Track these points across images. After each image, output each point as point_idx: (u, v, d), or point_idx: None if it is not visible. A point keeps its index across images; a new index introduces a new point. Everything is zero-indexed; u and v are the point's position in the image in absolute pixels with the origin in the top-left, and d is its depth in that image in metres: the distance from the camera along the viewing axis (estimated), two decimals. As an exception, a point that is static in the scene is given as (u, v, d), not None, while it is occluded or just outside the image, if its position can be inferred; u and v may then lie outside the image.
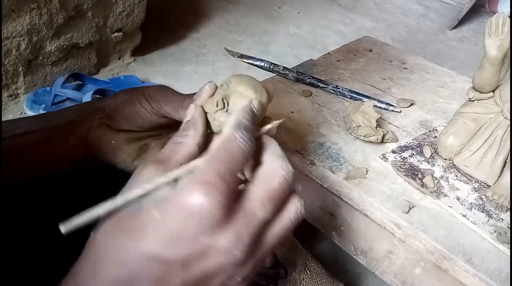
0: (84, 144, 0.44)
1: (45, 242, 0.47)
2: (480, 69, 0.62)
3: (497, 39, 0.59)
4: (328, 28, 2.03)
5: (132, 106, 0.44)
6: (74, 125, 0.44)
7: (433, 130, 0.73)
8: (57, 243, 0.47)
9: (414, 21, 2.17)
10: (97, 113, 0.44)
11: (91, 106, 0.46)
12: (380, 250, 0.64)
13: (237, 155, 0.29)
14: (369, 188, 0.61)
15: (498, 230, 0.55)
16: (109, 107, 0.45)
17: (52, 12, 1.25)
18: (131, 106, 0.44)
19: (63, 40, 1.34)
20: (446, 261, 0.53)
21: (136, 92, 0.45)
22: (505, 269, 0.52)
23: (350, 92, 0.81)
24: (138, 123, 0.45)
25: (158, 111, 0.44)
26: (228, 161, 0.29)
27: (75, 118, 0.44)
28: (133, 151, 0.45)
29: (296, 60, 1.67)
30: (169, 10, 1.99)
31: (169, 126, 0.46)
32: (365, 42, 1.02)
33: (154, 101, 0.44)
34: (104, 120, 0.44)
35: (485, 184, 0.62)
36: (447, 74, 0.92)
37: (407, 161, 0.66)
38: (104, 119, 0.44)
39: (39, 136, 0.43)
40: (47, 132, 0.43)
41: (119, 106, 0.45)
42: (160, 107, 0.43)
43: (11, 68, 1.25)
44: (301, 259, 0.79)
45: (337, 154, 0.67)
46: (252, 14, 2.10)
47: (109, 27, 1.48)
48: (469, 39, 2.03)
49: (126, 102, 0.44)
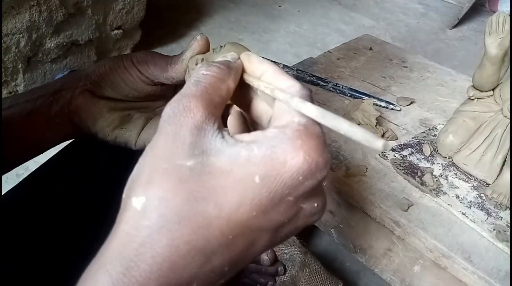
0: (66, 112, 0.43)
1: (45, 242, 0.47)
2: (480, 68, 0.62)
3: (497, 37, 0.59)
4: (328, 27, 2.03)
5: (117, 71, 0.43)
6: (57, 94, 0.42)
7: (433, 129, 0.73)
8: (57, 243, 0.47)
9: (414, 20, 2.17)
10: (80, 81, 0.43)
11: (75, 75, 0.44)
12: (379, 248, 0.64)
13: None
14: (368, 186, 0.61)
15: (497, 228, 0.55)
16: (94, 74, 0.43)
17: (51, 9, 1.25)
18: (116, 72, 0.43)
19: (62, 37, 1.33)
20: (445, 259, 0.54)
21: (122, 58, 0.43)
22: (504, 267, 0.52)
23: (350, 90, 0.81)
24: (122, 90, 0.44)
25: (145, 74, 0.42)
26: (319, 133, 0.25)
27: (58, 88, 0.43)
28: (114, 120, 0.43)
29: (296, 58, 1.67)
30: (169, 8, 1.99)
31: (154, 99, 0.45)
32: (365, 41, 1.02)
33: (142, 65, 0.42)
34: (87, 87, 0.43)
35: (484, 182, 0.62)
36: (447, 72, 0.92)
37: (406, 159, 0.66)
38: (88, 85, 0.43)
39: (23, 107, 0.42)
40: (32, 103, 0.42)
41: (103, 73, 0.43)
42: (147, 69, 0.42)
43: (11, 65, 1.25)
44: (300, 257, 0.80)
45: (337, 152, 0.67)
46: (252, 12, 2.09)
47: (109, 25, 1.48)
48: (469, 38, 2.03)
49: (111, 68, 0.43)
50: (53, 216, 0.49)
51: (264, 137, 0.24)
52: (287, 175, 0.22)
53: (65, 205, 0.50)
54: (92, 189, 0.51)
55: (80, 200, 0.50)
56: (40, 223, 0.48)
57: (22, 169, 0.54)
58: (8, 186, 0.52)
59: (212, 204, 0.22)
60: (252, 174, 0.22)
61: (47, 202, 0.50)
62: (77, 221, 0.49)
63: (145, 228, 0.22)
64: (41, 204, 0.50)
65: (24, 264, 0.45)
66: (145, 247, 0.21)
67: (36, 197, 0.51)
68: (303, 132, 0.23)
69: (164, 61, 0.42)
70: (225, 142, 0.24)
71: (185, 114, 0.24)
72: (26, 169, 0.67)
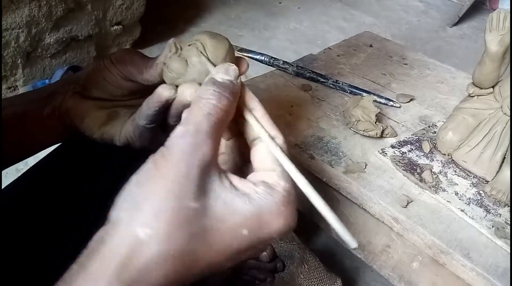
0: (57, 115, 0.44)
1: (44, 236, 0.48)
2: (480, 65, 0.62)
3: (497, 34, 0.59)
4: (329, 24, 2.02)
5: (100, 72, 0.44)
6: (49, 97, 0.44)
7: (432, 126, 0.73)
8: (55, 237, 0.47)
9: (414, 18, 2.17)
10: (70, 84, 0.44)
11: (67, 79, 0.46)
12: (378, 244, 0.64)
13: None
14: (367, 182, 0.61)
15: (495, 225, 0.56)
16: (82, 77, 0.45)
17: (51, 4, 1.24)
18: (99, 72, 0.44)
19: (62, 33, 1.33)
20: (444, 255, 0.54)
21: (103, 59, 0.44)
22: (502, 264, 0.52)
23: (350, 87, 0.80)
24: (107, 89, 0.45)
25: (124, 73, 0.43)
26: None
27: (51, 91, 0.44)
28: (101, 117, 0.44)
29: (296, 55, 1.67)
30: (169, 4, 1.98)
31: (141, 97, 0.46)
32: (366, 38, 1.02)
33: (120, 64, 0.43)
34: (77, 90, 0.44)
35: (483, 179, 0.62)
36: (447, 70, 0.92)
37: (406, 156, 0.66)
38: (77, 88, 0.44)
39: (18, 109, 0.43)
40: (25, 105, 0.43)
41: (89, 74, 0.44)
42: (125, 68, 0.43)
43: (10, 60, 1.24)
44: (299, 253, 0.80)
45: (336, 149, 0.67)
46: (252, 9, 2.09)
47: (109, 20, 1.47)
48: (469, 36, 2.03)
49: (94, 69, 0.44)
50: (51, 211, 0.49)
51: (255, 193, 0.27)
52: (268, 234, 0.27)
53: (64, 199, 0.50)
54: (90, 184, 0.51)
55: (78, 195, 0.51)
56: (38, 218, 0.48)
57: (21, 164, 0.55)
58: (7, 181, 0.52)
59: (204, 245, 0.26)
60: (242, 226, 0.26)
61: (46, 197, 0.50)
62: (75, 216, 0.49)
63: (146, 257, 0.24)
64: (40, 198, 0.50)
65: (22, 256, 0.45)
66: (142, 273, 0.24)
67: (35, 192, 0.51)
68: (286, 199, 0.28)
69: (142, 62, 0.43)
70: (223, 186, 0.27)
71: (198, 153, 0.26)
72: (25, 164, 0.67)
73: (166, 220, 0.24)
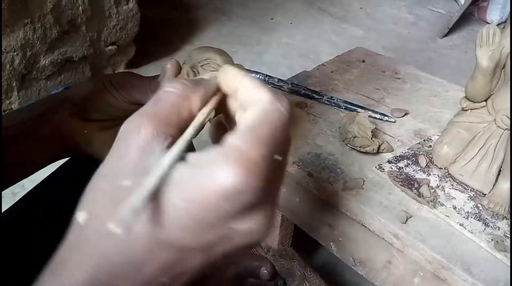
0: (56, 137, 0.43)
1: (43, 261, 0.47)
2: (472, 79, 0.63)
3: (488, 49, 0.60)
4: (320, 38, 2.05)
5: (101, 95, 0.43)
6: (44, 117, 0.43)
7: (428, 139, 0.74)
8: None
9: (405, 30, 2.20)
10: (66, 103, 0.43)
11: (58, 97, 0.45)
12: (379, 261, 0.64)
13: (281, 131, 0.25)
14: (366, 198, 0.61)
15: (495, 239, 0.56)
16: (77, 97, 0.43)
17: (46, 27, 1.25)
18: (100, 96, 0.43)
19: (57, 55, 1.34)
20: (445, 270, 0.54)
21: (102, 80, 0.44)
22: (503, 277, 0.52)
23: (345, 103, 0.81)
24: (110, 112, 0.44)
25: (128, 98, 0.43)
26: (271, 137, 0.24)
27: (44, 111, 0.43)
28: (108, 138, 0.44)
29: (289, 70, 1.68)
30: (163, 23, 2.00)
31: None
32: (358, 53, 1.04)
33: (122, 88, 0.43)
34: (73, 110, 0.43)
35: (480, 192, 0.63)
36: (439, 83, 0.93)
37: (403, 171, 0.66)
38: (73, 109, 0.43)
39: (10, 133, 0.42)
40: (18, 128, 0.42)
41: (87, 96, 0.43)
42: (128, 94, 0.43)
43: (5, 83, 1.25)
44: (299, 270, 0.79)
45: (334, 165, 0.67)
46: (245, 25, 2.11)
47: (103, 41, 1.48)
48: (459, 47, 2.06)
49: (95, 92, 0.43)
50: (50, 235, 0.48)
51: (198, 159, 0.24)
52: (207, 199, 0.22)
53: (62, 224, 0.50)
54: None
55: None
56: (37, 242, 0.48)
57: (18, 187, 0.54)
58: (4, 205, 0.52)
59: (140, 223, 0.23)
60: (177, 198, 0.23)
61: (44, 221, 0.50)
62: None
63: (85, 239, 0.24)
64: (38, 223, 0.50)
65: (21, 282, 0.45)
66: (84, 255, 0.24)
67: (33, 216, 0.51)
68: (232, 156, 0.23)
69: (142, 85, 0.43)
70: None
71: (134, 134, 0.25)
72: (22, 188, 0.66)
73: (100, 202, 0.24)
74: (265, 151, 0.23)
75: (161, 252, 0.24)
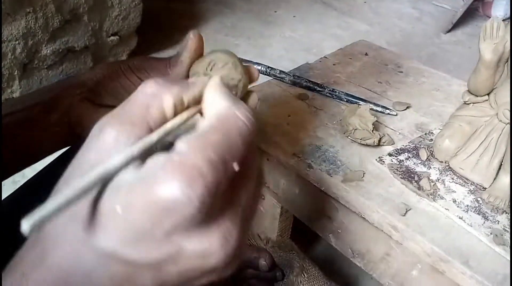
0: (66, 122, 0.42)
1: None
2: (475, 73, 0.62)
3: (491, 43, 0.59)
4: (324, 32, 2.04)
5: (117, 79, 0.42)
6: (55, 102, 0.42)
7: (429, 133, 0.74)
8: None
9: (409, 25, 2.19)
10: (78, 88, 0.42)
11: (71, 81, 0.43)
12: (377, 253, 0.64)
13: (236, 138, 0.23)
14: (366, 191, 0.61)
15: (494, 232, 0.56)
16: (90, 81, 0.42)
17: (47, 16, 1.25)
18: (115, 80, 0.42)
19: (58, 44, 1.33)
20: (443, 263, 0.54)
21: (119, 64, 0.43)
22: (501, 271, 0.52)
23: (347, 96, 0.81)
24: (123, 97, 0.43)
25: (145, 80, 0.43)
26: (224, 144, 0.22)
27: (55, 95, 0.42)
28: None
29: (292, 63, 1.68)
30: (165, 14, 1.99)
31: None
32: (361, 46, 1.03)
33: (141, 71, 0.42)
34: (85, 95, 0.42)
35: (481, 186, 0.63)
36: (442, 77, 0.93)
37: (403, 164, 0.66)
38: (86, 93, 0.42)
39: (21, 116, 0.41)
40: (28, 111, 0.41)
41: (101, 80, 0.42)
42: (147, 76, 0.41)
43: (7, 72, 1.24)
44: (298, 262, 0.80)
45: (334, 157, 0.67)
46: (248, 18, 2.10)
47: (105, 31, 1.48)
48: (463, 42, 2.05)
49: (110, 76, 0.42)
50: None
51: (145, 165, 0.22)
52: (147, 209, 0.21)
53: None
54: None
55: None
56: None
57: (18, 176, 0.54)
58: (4, 193, 0.52)
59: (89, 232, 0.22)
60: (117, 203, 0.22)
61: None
62: None
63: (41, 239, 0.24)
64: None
65: None
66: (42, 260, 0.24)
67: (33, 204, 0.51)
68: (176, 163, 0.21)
69: (162, 65, 0.42)
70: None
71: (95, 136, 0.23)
72: (22, 176, 0.66)
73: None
74: (213, 157, 0.22)
75: (107, 262, 0.22)
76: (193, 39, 0.37)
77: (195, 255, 0.23)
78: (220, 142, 0.22)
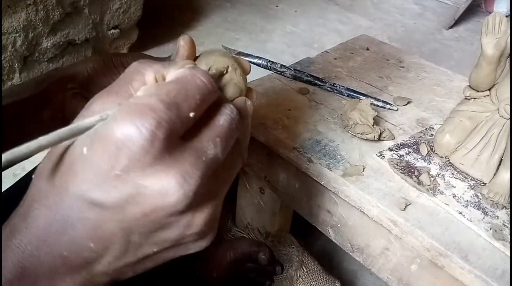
0: (60, 117, 0.42)
1: None
2: (476, 68, 0.62)
3: (493, 37, 0.59)
4: (325, 27, 2.03)
5: (109, 75, 0.42)
6: (46, 96, 0.41)
7: (430, 128, 0.74)
8: None
9: (411, 20, 2.18)
10: (68, 82, 0.42)
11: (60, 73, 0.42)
12: (377, 247, 0.64)
13: (192, 90, 0.25)
14: (366, 185, 0.61)
15: (493, 227, 0.56)
16: (81, 75, 0.42)
17: (48, 9, 1.24)
18: (107, 76, 0.42)
19: (59, 37, 1.33)
20: (442, 258, 0.54)
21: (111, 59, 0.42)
22: (500, 266, 0.52)
23: (347, 90, 0.81)
24: None
25: None
26: (178, 91, 0.25)
27: (45, 88, 0.41)
28: None
29: (293, 58, 1.67)
30: (166, 8, 1.98)
31: None
32: (362, 41, 1.03)
33: None
34: (77, 90, 0.42)
35: (481, 181, 0.63)
36: (444, 73, 0.92)
37: (403, 158, 0.66)
38: (77, 89, 0.42)
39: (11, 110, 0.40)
40: (18, 107, 0.40)
41: (93, 75, 0.42)
42: None
43: (7, 64, 1.24)
44: (297, 256, 0.80)
45: (334, 152, 0.67)
46: (249, 12, 2.10)
47: (106, 24, 1.48)
48: (465, 38, 2.04)
49: (101, 71, 0.42)
50: None
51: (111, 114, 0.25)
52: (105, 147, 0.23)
53: None
54: None
55: None
56: None
57: (19, 168, 0.54)
58: (4, 186, 0.52)
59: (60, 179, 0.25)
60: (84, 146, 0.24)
61: None
62: None
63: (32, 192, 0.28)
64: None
65: None
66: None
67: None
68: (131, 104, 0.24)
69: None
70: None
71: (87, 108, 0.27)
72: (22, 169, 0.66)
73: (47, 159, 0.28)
74: (165, 98, 0.24)
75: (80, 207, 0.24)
76: (184, 46, 0.37)
77: (154, 192, 0.24)
78: (174, 89, 0.25)
